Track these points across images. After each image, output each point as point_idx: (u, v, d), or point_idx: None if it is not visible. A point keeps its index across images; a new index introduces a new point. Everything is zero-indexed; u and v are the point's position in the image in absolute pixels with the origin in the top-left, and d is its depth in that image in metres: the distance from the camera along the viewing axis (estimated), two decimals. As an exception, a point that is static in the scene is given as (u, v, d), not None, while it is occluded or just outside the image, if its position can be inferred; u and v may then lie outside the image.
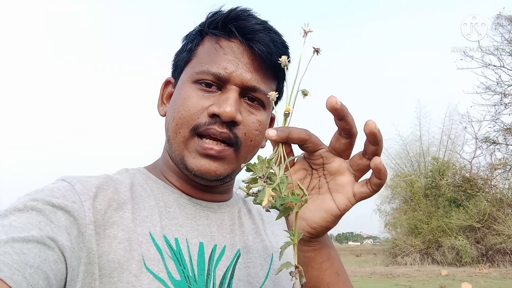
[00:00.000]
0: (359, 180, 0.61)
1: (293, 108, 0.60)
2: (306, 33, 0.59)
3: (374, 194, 0.59)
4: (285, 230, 0.62)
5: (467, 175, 20.07)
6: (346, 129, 0.57)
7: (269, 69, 0.81)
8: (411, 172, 22.88)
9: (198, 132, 0.76)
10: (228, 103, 0.74)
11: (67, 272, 0.60)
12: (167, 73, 0.91)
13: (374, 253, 29.77)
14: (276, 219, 0.58)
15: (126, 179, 0.79)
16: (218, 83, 0.78)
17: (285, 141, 0.58)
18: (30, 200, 0.62)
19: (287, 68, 0.62)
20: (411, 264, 18.54)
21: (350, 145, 0.60)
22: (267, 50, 0.78)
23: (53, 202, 0.63)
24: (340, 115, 0.56)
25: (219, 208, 0.85)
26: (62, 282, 0.59)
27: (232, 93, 0.76)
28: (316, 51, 0.59)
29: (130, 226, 0.71)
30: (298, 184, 0.58)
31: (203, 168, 0.76)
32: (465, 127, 19.87)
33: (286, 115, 0.60)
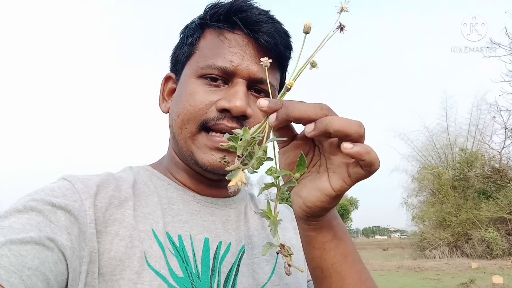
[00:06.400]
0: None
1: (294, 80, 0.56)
2: (342, 10, 0.54)
3: (370, 175, 0.56)
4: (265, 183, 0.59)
5: (497, 165, 19.51)
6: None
7: (274, 60, 0.78)
8: (438, 164, 22.42)
9: (206, 127, 0.75)
10: (237, 97, 0.73)
11: (68, 273, 0.59)
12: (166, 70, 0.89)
13: (402, 246, 29.32)
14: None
15: (129, 176, 0.79)
16: (224, 77, 0.76)
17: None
18: (30, 201, 0.62)
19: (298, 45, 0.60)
20: (439, 258, 18.22)
21: None
22: (273, 41, 0.77)
23: (53, 202, 0.63)
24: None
25: (224, 204, 0.85)
26: (63, 283, 0.58)
27: (240, 87, 0.75)
28: (341, 28, 0.54)
29: (131, 223, 0.70)
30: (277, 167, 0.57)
31: (215, 163, 0.75)
32: (494, 117, 19.26)
33: (288, 89, 0.57)
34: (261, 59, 0.59)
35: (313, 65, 0.56)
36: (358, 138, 0.53)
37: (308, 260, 0.66)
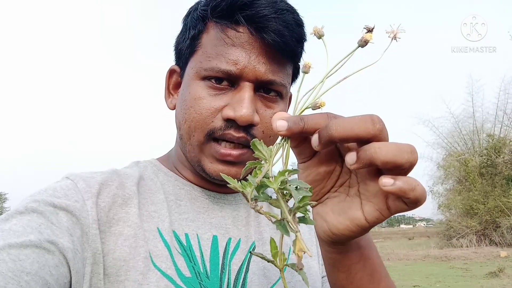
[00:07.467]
0: None
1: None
2: (395, 37, 0.46)
3: (414, 209, 0.48)
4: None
5: (526, 151, 18.96)
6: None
7: (285, 56, 0.73)
8: (465, 151, 21.89)
9: (214, 137, 0.72)
10: (243, 105, 0.69)
11: (70, 275, 0.57)
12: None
13: (428, 235, 28.91)
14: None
15: (135, 172, 0.77)
16: (230, 79, 0.72)
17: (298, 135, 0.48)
18: (31, 202, 0.60)
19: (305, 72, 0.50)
20: (467, 246, 17.86)
21: None
22: (281, 40, 0.69)
23: (54, 203, 0.61)
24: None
25: (234, 200, 0.82)
26: (65, 286, 0.57)
27: (246, 92, 0.70)
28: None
29: (136, 222, 0.68)
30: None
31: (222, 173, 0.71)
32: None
33: (317, 108, 0.48)
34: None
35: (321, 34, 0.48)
36: (409, 168, 0.44)
37: (332, 282, 0.61)
